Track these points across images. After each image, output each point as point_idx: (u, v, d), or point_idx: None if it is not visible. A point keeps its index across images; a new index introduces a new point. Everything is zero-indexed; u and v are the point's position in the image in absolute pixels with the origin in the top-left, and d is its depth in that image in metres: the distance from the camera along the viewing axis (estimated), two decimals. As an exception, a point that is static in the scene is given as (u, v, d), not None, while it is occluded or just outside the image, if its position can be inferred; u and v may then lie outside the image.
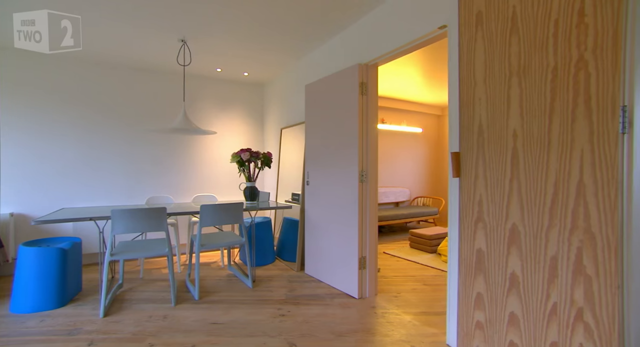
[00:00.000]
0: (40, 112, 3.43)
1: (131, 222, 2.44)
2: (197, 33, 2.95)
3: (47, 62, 3.45)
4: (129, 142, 3.83)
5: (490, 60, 1.60)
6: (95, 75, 3.67)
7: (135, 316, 2.36)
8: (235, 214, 2.86)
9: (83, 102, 3.61)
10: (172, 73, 4.02)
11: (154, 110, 3.95)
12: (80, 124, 3.60)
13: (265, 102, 4.65)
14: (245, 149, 3.33)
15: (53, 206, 3.45)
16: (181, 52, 3.19)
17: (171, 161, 4.05)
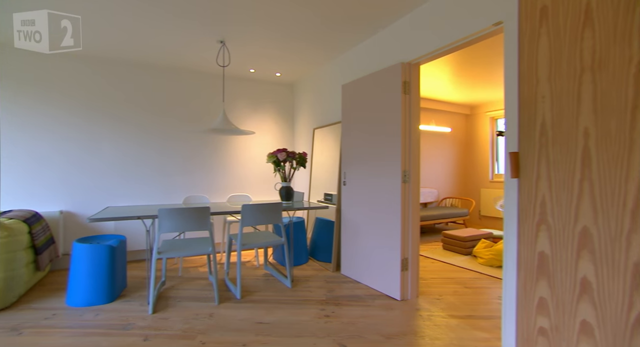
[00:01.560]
0: (84, 114, 3.56)
1: (177, 221, 2.49)
2: (235, 34, 2.99)
3: (92, 64, 3.58)
4: (165, 143, 3.92)
5: (557, 56, 1.53)
6: (135, 77, 3.78)
7: (182, 313, 2.41)
8: (275, 214, 2.88)
9: (123, 104, 3.72)
10: (208, 74, 4.10)
11: (191, 111, 4.04)
12: (119, 125, 3.71)
13: (295, 102, 4.67)
14: (281, 149, 3.34)
15: (96, 204, 3.58)
16: (220, 53, 3.23)
17: (205, 161, 4.12)
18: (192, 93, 4.05)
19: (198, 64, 3.76)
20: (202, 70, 3.97)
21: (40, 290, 2.86)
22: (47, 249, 3.05)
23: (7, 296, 2.46)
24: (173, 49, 3.34)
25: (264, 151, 4.46)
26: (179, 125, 3.97)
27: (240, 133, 3.10)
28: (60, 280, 3.11)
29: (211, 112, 4.12)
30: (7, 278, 2.44)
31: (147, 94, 3.83)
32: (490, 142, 6.06)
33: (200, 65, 3.82)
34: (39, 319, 2.31)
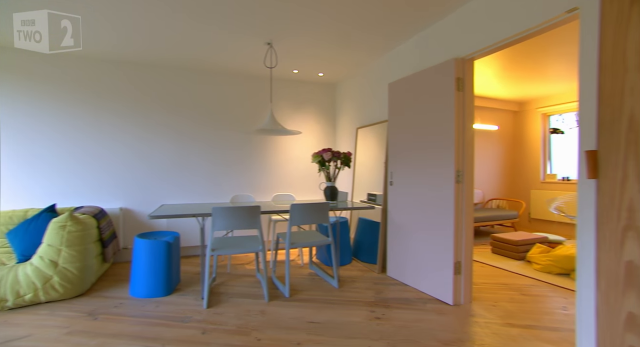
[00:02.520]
0: (139, 118, 3.78)
1: (229, 220, 2.57)
2: (283, 35, 3.03)
3: (142, 69, 3.79)
4: (213, 144, 4.07)
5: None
6: (183, 81, 3.96)
7: (234, 309, 2.48)
8: (323, 213, 2.88)
9: (172, 107, 3.92)
10: (253, 76, 4.20)
11: (237, 112, 4.16)
12: (170, 127, 3.90)
13: (337, 102, 4.66)
14: (326, 149, 3.34)
15: (150, 202, 3.80)
16: (268, 55, 3.30)
17: (250, 161, 4.23)
18: (238, 95, 4.17)
19: (244, 66, 3.86)
20: (248, 72, 4.08)
21: (106, 280, 3.08)
22: (111, 242, 3.28)
23: (83, 284, 2.68)
24: (220, 52, 3.45)
25: (306, 151, 4.49)
26: (225, 127, 4.11)
27: (287, 133, 3.14)
28: (122, 272, 3.33)
29: (256, 114, 4.22)
30: (82, 268, 2.65)
31: (195, 96, 4.00)
32: (541, 140, 5.67)
33: (246, 68, 3.93)
34: (109, 307, 2.49)
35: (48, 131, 3.46)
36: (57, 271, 2.55)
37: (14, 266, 2.51)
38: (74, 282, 2.62)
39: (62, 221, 2.64)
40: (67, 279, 2.58)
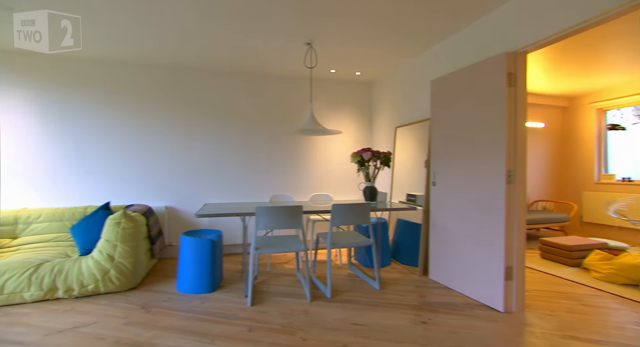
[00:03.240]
0: (182, 119, 3.94)
1: (272, 219, 2.60)
2: (322, 35, 3.02)
3: (187, 73, 3.95)
4: (252, 144, 4.16)
5: None
6: (223, 83, 4.08)
7: (278, 308, 2.50)
8: (364, 214, 2.84)
9: (211, 110, 4.05)
10: (291, 77, 4.25)
11: (276, 113, 4.23)
12: (212, 128, 4.04)
13: (374, 101, 4.59)
14: (366, 149, 3.30)
15: (193, 201, 3.95)
16: (308, 55, 3.31)
17: (288, 161, 4.28)
18: (277, 96, 4.24)
19: (283, 68, 3.91)
20: (286, 74, 4.13)
21: (154, 275, 3.24)
22: (158, 239, 3.45)
23: (135, 278, 2.84)
24: (259, 55, 3.51)
25: (343, 151, 4.47)
26: (264, 127, 4.19)
27: (327, 133, 3.13)
28: (168, 267, 3.49)
29: (294, 114, 4.27)
30: (135, 263, 2.81)
31: (235, 98, 4.11)
32: (596, 138, 5.25)
33: (285, 69, 3.97)
34: (159, 301, 2.61)
35: (100, 134, 3.70)
36: (114, 265, 2.71)
37: (78, 259, 2.70)
38: (128, 276, 2.77)
39: (117, 218, 2.81)
40: (122, 273, 2.74)
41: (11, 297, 2.49)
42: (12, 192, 3.47)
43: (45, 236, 3.23)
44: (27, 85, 3.49)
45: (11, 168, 3.47)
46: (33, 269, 2.56)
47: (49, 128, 3.56)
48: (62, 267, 2.62)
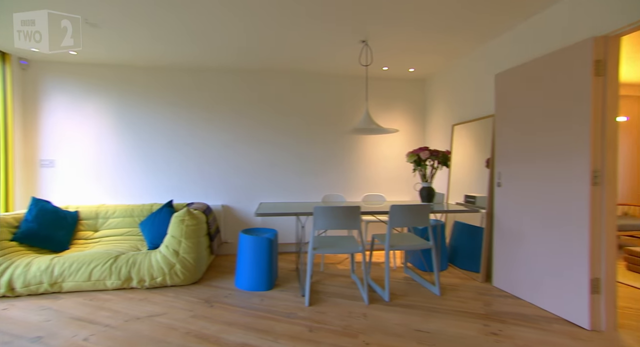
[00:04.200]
0: (235, 119, 4.08)
1: (330, 219, 2.58)
2: (377, 32, 2.94)
3: (242, 76, 4.08)
4: (302, 144, 4.18)
5: None
6: (276, 83, 4.15)
7: (336, 309, 2.47)
8: (423, 216, 2.72)
9: (264, 109, 4.13)
10: (343, 75, 4.21)
11: (328, 112, 4.22)
12: (265, 128, 4.12)
13: (427, 98, 4.40)
14: (423, 148, 3.16)
15: (247, 200, 4.07)
16: (363, 53, 3.25)
17: (338, 161, 4.25)
18: (329, 95, 4.23)
19: (336, 66, 3.88)
20: (339, 72, 4.10)
21: (213, 271, 3.38)
22: (216, 236, 3.60)
23: (197, 273, 2.98)
24: (314, 54, 3.52)
25: (395, 150, 4.34)
26: (316, 127, 4.20)
27: (383, 132, 3.05)
28: (225, 264, 3.63)
29: (346, 113, 4.23)
30: (197, 258, 2.95)
31: (287, 98, 4.16)
32: (690, 132, 4.56)
33: (338, 68, 3.94)
34: (220, 296, 2.71)
35: (162, 136, 3.95)
36: (179, 260, 2.87)
37: (148, 252, 2.90)
38: (191, 271, 2.92)
39: (182, 216, 2.97)
40: (186, 267, 2.89)
41: (97, 284, 2.75)
42: (92, 191, 3.83)
43: (120, 230, 3.52)
44: (101, 94, 3.83)
45: (90, 169, 3.82)
46: (113, 260, 2.80)
47: (120, 133, 3.87)
48: (135, 259, 2.83)
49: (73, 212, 3.48)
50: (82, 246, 3.30)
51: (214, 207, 3.94)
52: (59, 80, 3.75)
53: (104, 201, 3.85)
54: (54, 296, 2.70)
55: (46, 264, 2.72)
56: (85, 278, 2.74)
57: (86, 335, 2.09)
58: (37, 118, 3.72)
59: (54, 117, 3.75)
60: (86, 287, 2.76)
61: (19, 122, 3.62)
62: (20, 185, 3.63)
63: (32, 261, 2.72)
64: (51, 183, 3.77)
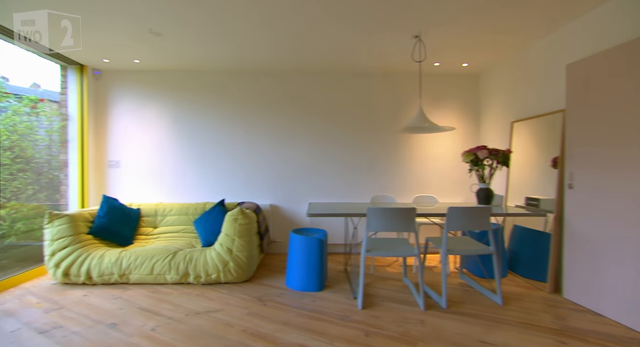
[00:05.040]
0: (282, 120, 4.13)
1: (384, 221, 2.50)
2: (431, 25, 2.81)
3: (288, 77, 4.12)
4: (350, 144, 4.14)
5: None
6: (324, 83, 4.14)
7: (391, 314, 2.39)
8: (483, 219, 2.55)
9: (313, 109, 4.14)
10: (392, 73, 4.11)
11: (377, 111, 4.14)
12: (312, 128, 4.13)
13: (481, 94, 4.15)
14: (481, 146, 2.97)
15: (294, 200, 4.11)
16: (416, 48, 3.14)
17: (387, 160, 4.14)
18: (378, 94, 4.14)
19: (385, 64, 3.79)
20: (388, 70, 4.00)
21: (263, 269, 3.45)
22: (266, 235, 3.67)
23: (249, 271, 3.05)
24: (363, 52, 3.45)
25: (446, 150, 4.15)
26: (364, 126, 4.13)
27: (438, 130, 2.91)
28: (274, 263, 3.68)
29: (395, 112, 4.12)
30: (249, 257, 3.02)
31: (334, 98, 4.14)
32: None
33: (387, 66, 3.85)
34: (273, 295, 2.75)
35: (213, 137, 4.11)
36: (232, 258, 2.96)
37: (203, 249, 3.03)
38: (244, 269, 2.99)
39: (235, 215, 3.05)
40: (239, 265, 2.96)
41: (158, 278, 2.92)
42: (151, 190, 4.09)
43: (176, 227, 3.72)
44: (160, 99, 4.08)
45: (150, 169, 4.09)
46: (171, 255, 2.95)
47: (176, 135, 4.09)
48: (192, 256, 2.96)
49: (136, 210, 3.73)
50: (143, 241, 3.53)
51: (263, 206, 4.03)
52: (124, 88, 4.06)
53: (162, 200, 4.09)
54: (123, 287, 2.91)
55: (116, 256, 2.94)
56: (148, 272, 2.92)
57: (153, 326, 2.21)
58: (106, 123, 4.06)
59: (120, 122, 4.07)
60: (149, 280, 2.94)
61: (92, 126, 3.97)
62: (92, 184, 3.97)
63: (105, 254, 2.96)
64: (117, 182, 4.08)
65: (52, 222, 2.99)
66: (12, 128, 3.28)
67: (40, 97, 3.72)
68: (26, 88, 3.84)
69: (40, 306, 2.53)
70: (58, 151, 3.78)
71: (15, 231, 3.24)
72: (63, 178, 3.78)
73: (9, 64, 3.39)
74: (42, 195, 3.63)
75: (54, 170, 3.76)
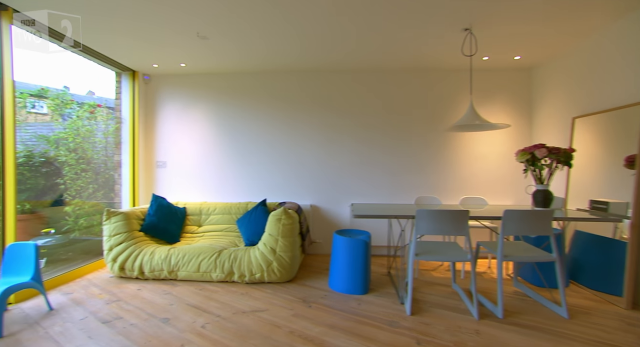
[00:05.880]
0: (323, 120, 4.09)
1: (435, 224, 2.38)
2: (483, 17, 2.64)
3: (330, 76, 4.09)
4: (393, 143, 4.02)
5: None
6: (366, 82, 4.06)
7: (442, 322, 2.27)
8: (544, 223, 2.34)
9: (354, 108, 4.07)
10: (437, 69, 3.95)
11: (422, 109, 3.99)
12: (353, 128, 4.06)
13: (535, 89, 3.85)
14: (538, 145, 2.75)
15: (335, 200, 4.06)
16: (466, 42, 2.97)
17: (431, 160, 3.98)
18: (423, 91, 3.99)
19: (431, 60, 3.64)
20: (434, 66, 3.83)
21: (305, 270, 3.43)
22: (307, 235, 3.65)
23: (292, 271, 3.05)
24: (408, 48, 3.34)
25: (494, 148, 3.90)
26: (407, 125, 4.00)
27: (492, 128, 2.73)
28: (315, 264, 3.66)
29: (440, 109, 3.95)
30: (292, 257, 3.02)
31: (376, 97, 4.04)
32: None
33: (432, 62, 3.69)
34: (317, 297, 2.72)
35: (255, 138, 4.16)
36: (276, 258, 2.97)
37: (247, 249, 3.07)
38: (287, 269, 2.99)
39: (279, 215, 3.06)
40: (282, 265, 2.97)
41: (204, 275, 3.00)
42: (196, 189, 4.24)
43: (219, 226, 3.81)
44: (204, 101, 4.21)
45: (195, 169, 4.24)
46: (217, 254, 3.02)
47: (218, 136, 4.21)
48: (236, 255, 3.01)
49: (182, 208, 3.88)
50: (189, 239, 3.65)
51: (303, 206, 4.02)
52: (171, 91, 4.24)
53: (206, 199, 4.22)
54: (172, 283, 3.02)
55: (165, 253, 3.06)
56: (195, 269, 3.01)
57: (203, 323, 2.26)
58: (154, 125, 4.27)
59: (166, 124, 4.26)
60: (196, 277, 3.03)
61: (142, 129, 4.19)
62: (142, 183, 4.19)
63: (155, 250, 3.10)
64: (164, 181, 4.28)
65: (110, 219, 3.17)
66: (76, 132, 3.54)
67: (98, 103, 3.99)
68: (83, 95, 4.14)
69: (102, 297, 2.70)
70: (113, 152, 4.03)
71: (79, 226, 3.49)
72: (117, 178, 4.02)
73: (69, 73, 3.69)
74: (100, 193, 3.89)
75: (109, 170, 4.01)
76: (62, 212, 3.45)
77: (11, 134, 2.56)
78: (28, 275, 2.42)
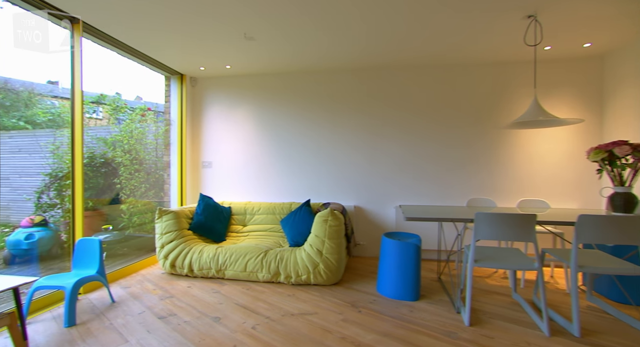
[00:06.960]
0: (368, 119, 3.98)
1: (496, 228, 2.19)
2: (550, 1, 2.38)
3: (374, 74, 3.96)
4: (444, 142, 3.81)
5: None
6: (412, 79, 3.89)
7: (506, 336, 2.08)
8: (631, 231, 2.06)
9: (400, 107, 3.91)
10: (493, 62, 3.69)
11: (474, 106, 3.75)
12: (400, 127, 3.91)
13: (607, 79, 3.45)
14: (619, 142, 2.44)
15: (378, 202, 3.93)
16: (530, 30, 2.72)
17: (483, 160, 3.71)
18: (473, 87, 3.75)
19: (486, 53, 3.39)
20: (489, 59, 3.57)
21: (350, 273, 3.34)
22: (352, 237, 3.56)
23: (338, 273, 2.97)
24: (462, 41, 3.13)
25: (557, 146, 3.56)
26: (458, 123, 3.77)
27: (561, 124, 2.47)
28: (360, 266, 3.56)
29: (492, 105, 3.69)
30: (338, 259, 2.95)
31: (423, 94, 3.86)
32: None
33: (488, 55, 3.43)
34: (366, 302, 2.62)
35: (299, 138, 4.14)
36: (322, 259, 2.91)
37: (294, 250, 3.04)
38: (333, 271, 2.92)
39: (325, 216, 3.00)
40: (329, 268, 2.90)
41: (251, 275, 3.02)
42: (240, 189, 4.30)
43: (264, 226, 3.84)
44: (247, 102, 4.27)
45: (239, 169, 4.31)
46: (263, 254, 3.03)
47: (262, 136, 4.24)
48: (282, 255, 2.99)
49: (227, 208, 3.95)
50: (234, 239, 3.70)
51: (347, 207, 3.94)
52: (217, 93, 4.35)
53: (250, 199, 4.27)
54: (219, 281, 3.07)
55: (213, 252, 3.12)
56: (242, 269, 3.03)
57: (253, 324, 2.25)
58: (200, 126, 4.39)
59: (212, 125, 4.37)
60: (242, 277, 3.05)
61: (189, 130, 4.33)
62: (189, 183, 4.33)
63: (203, 249, 3.16)
64: (209, 181, 4.39)
65: (162, 218, 3.30)
66: (129, 134, 3.74)
67: (148, 106, 4.18)
68: (132, 100, 4.37)
69: (157, 293, 2.80)
70: (162, 153, 4.21)
71: (132, 224, 3.68)
72: (166, 177, 4.19)
73: (120, 80, 3.90)
74: (151, 192, 4.07)
75: (159, 170, 4.19)
76: (118, 210, 3.66)
77: (79, 138, 2.73)
78: (94, 268, 2.56)
